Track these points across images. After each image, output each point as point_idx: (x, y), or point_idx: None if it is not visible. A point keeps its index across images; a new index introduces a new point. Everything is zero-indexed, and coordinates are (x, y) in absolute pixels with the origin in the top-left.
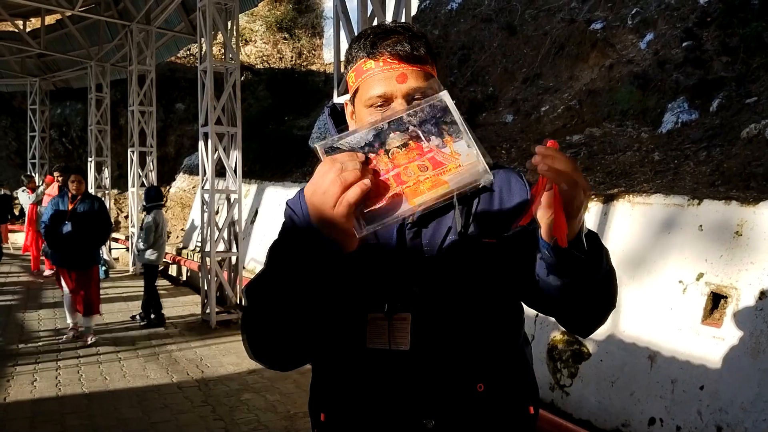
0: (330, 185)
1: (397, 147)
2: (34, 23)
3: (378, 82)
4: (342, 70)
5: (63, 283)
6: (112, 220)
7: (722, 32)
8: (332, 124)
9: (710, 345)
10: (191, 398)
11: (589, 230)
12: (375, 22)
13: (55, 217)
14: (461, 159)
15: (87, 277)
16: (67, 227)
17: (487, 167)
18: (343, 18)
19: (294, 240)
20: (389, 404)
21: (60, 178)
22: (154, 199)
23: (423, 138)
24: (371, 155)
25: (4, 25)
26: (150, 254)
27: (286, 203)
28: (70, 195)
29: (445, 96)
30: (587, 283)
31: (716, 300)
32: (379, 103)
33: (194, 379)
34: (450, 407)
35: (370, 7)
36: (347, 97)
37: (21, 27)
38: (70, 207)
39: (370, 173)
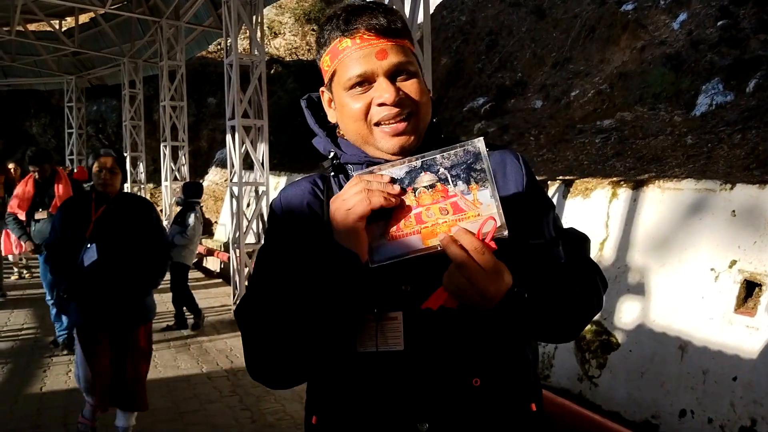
0: (354, 195)
1: (425, 186)
2: (69, 22)
3: (356, 61)
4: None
5: (83, 354)
6: None
7: (760, 9)
8: (311, 116)
9: (744, 335)
10: (220, 388)
11: (527, 274)
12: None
13: (65, 238)
14: (481, 208)
15: (131, 344)
16: (91, 254)
17: (504, 222)
18: None
19: (289, 255)
20: (381, 408)
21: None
22: (194, 195)
23: (450, 182)
24: (399, 192)
25: (40, 26)
26: (184, 253)
27: (270, 206)
28: (93, 193)
29: (480, 143)
30: (538, 319)
31: (750, 288)
32: (359, 84)
33: (223, 369)
34: (444, 406)
35: None
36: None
37: (56, 26)
38: (95, 217)
39: (395, 199)
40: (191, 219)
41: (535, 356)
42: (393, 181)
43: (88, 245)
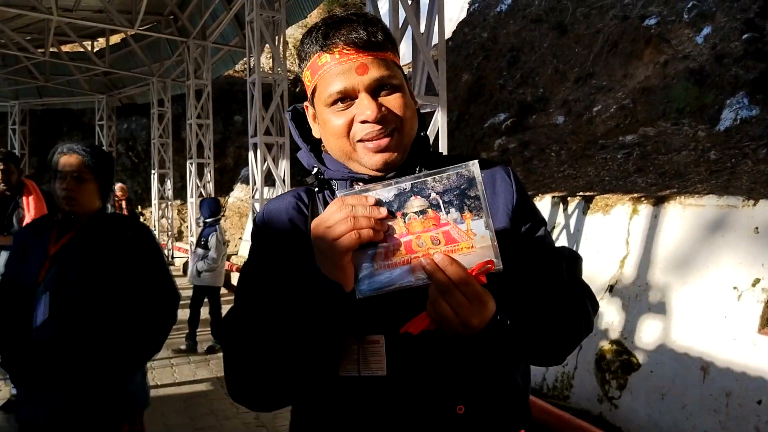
0: (340, 223)
1: (415, 213)
2: (100, 43)
3: (336, 77)
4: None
5: None
6: (175, 230)
7: None
8: (294, 128)
9: None
10: (237, 404)
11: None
12: (408, 29)
13: (15, 282)
14: (475, 240)
15: None
16: (42, 310)
17: (499, 255)
18: None
19: (271, 273)
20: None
21: None
22: (213, 213)
23: (443, 208)
24: (387, 216)
25: (73, 47)
26: (211, 276)
27: (253, 221)
28: (59, 214)
29: (474, 167)
30: (521, 344)
31: None
32: (340, 100)
33: None
34: (429, 431)
35: (402, 14)
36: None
37: (88, 47)
38: (53, 251)
39: (382, 226)
40: (212, 240)
41: (526, 381)
42: (380, 203)
43: (41, 295)
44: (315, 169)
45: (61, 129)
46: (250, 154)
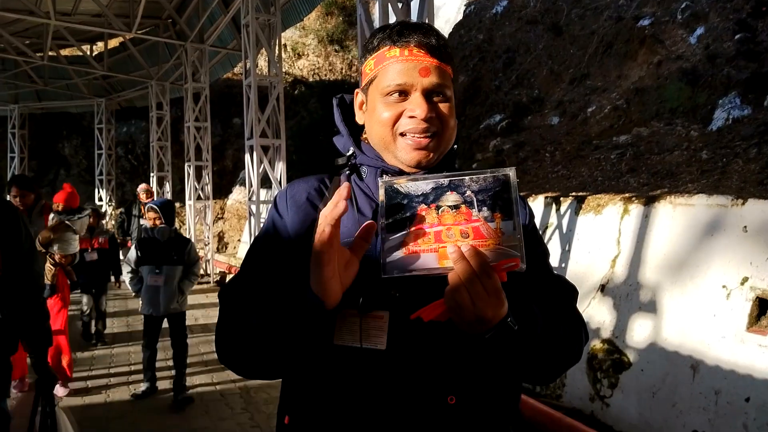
0: (320, 225)
1: (449, 206)
2: (99, 47)
3: (400, 71)
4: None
5: None
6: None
7: None
8: (339, 115)
9: (756, 354)
10: (232, 405)
11: (522, 307)
12: None
13: None
14: (502, 239)
15: None
16: None
17: (524, 257)
18: (366, 27)
19: (278, 246)
20: (355, 409)
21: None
22: (171, 219)
23: (476, 206)
24: (422, 206)
25: (72, 51)
26: (183, 300)
27: (275, 196)
28: None
29: (511, 173)
30: (521, 354)
31: (763, 306)
32: (396, 93)
33: (237, 386)
34: (417, 418)
35: (392, 16)
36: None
37: (87, 51)
38: None
39: (335, 229)
40: (192, 253)
41: (518, 385)
42: (419, 196)
43: None
44: (351, 151)
45: (60, 132)
46: (247, 157)
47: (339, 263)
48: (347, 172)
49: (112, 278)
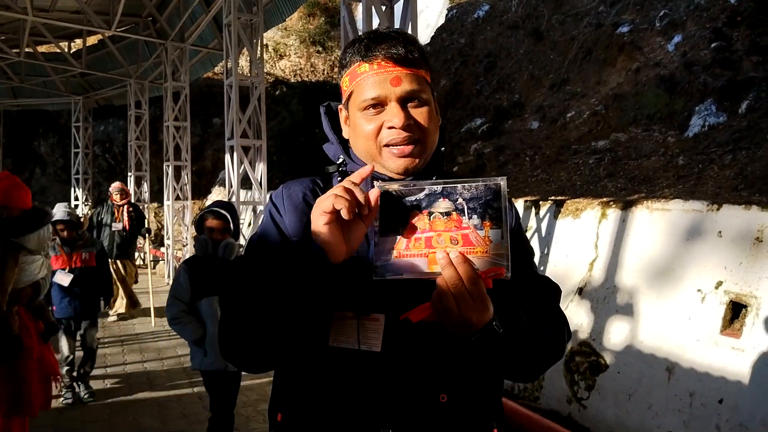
0: (327, 200)
1: (440, 213)
2: (77, 44)
3: (372, 86)
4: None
5: None
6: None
7: (752, 31)
8: (327, 123)
9: (730, 356)
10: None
11: (505, 310)
12: None
13: None
14: (490, 247)
15: None
16: None
17: (510, 265)
18: (350, 29)
19: (277, 243)
20: (347, 407)
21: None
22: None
23: (466, 213)
24: (415, 212)
25: (49, 47)
26: None
27: (270, 197)
28: None
29: (502, 182)
30: (506, 354)
31: (736, 309)
32: (372, 106)
33: None
34: (409, 416)
35: (376, 19)
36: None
37: (65, 48)
38: None
39: (349, 203)
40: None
41: (501, 382)
42: (412, 201)
43: None
44: (341, 159)
45: (36, 130)
46: (227, 157)
47: (342, 223)
48: (339, 178)
49: (102, 303)
